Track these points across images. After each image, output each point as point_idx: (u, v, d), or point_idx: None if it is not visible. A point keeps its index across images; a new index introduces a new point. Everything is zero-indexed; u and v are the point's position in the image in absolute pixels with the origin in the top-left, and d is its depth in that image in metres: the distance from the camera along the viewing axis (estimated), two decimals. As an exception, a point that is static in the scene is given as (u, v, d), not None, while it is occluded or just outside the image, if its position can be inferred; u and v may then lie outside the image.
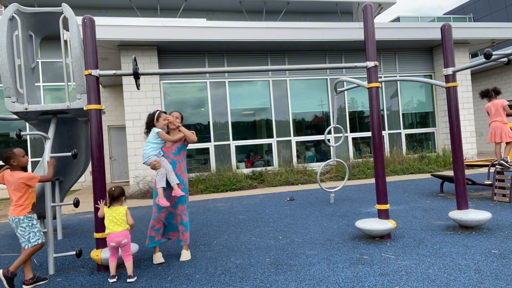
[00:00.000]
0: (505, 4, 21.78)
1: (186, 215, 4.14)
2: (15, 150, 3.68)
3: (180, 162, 4.15)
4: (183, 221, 4.12)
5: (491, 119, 6.55)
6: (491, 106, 6.51)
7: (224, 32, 10.38)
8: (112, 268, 3.59)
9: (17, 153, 3.68)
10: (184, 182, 4.13)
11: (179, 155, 4.15)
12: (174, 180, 3.98)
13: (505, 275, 3.05)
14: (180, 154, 4.17)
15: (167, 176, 3.99)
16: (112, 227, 3.61)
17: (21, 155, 3.70)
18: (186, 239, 4.14)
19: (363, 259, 3.68)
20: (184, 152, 4.23)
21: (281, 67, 4.59)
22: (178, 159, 4.13)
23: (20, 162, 3.69)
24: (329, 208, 6.50)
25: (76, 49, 4.26)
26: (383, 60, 12.71)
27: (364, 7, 4.56)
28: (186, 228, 4.14)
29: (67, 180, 5.84)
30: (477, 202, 6.17)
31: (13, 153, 3.66)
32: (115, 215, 3.64)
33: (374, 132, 4.48)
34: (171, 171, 4.01)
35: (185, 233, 4.13)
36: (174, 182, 3.98)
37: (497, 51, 4.24)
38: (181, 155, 4.19)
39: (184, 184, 4.14)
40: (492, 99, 6.55)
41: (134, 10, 15.12)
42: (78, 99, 4.32)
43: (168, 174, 3.99)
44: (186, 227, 4.14)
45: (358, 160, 11.81)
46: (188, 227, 4.16)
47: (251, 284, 3.21)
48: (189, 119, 11.15)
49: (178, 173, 4.09)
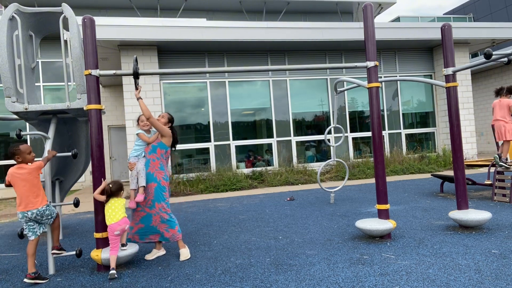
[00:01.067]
0: (505, 4, 21.77)
1: (167, 213, 4.10)
2: (21, 147, 3.66)
3: (154, 161, 4.17)
4: (164, 219, 4.07)
5: (494, 117, 6.54)
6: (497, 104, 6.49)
7: (224, 32, 10.38)
8: (113, 261, 3.65)
9: (23, 149, 3.66)
10: (157, 180, 4.12)
11: (153, 154, 4.18)
12: (140, 183, 4.05)
13: (505, 275, 3.04)
14: (155, 152, 4.18)
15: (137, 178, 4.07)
16: (113, 218, 3.74)
17: (27, 152, 3.68)
18: (173, 236, 4.09)
19: (363, 259, 3.68)
20: (161, 150, 4.20)
21: (281, 67, 4.60)
22: (152, 157, 4.18)
23: (25, 159, 3.67)
24: (329, 208, 6.50)
25: (76, 49, 4.26)
26: (383, 60, 12.71)
27: (364, 7, 4.56)
28: (170, 225, 4.09)
29: (67, 180, 5.84)
30: (477, 202, 6.17)
31: (18, 150, 3.65)
32: (117, 205, 3.78)
33: (374, 132, 4.47)
34: (141, 173, 4.07)
35: (170, 229, 4.09)
36: (140, 184, 4.05)
37: (497, 51, 4.24)
38: (157, 153, 4.19)
39: (158, 182, 4.12)
40: (502, 97, 6.54)
41: (134, 10, 15.12)
42: (78, 99, 4.32)
43: (138, 176, 4.07)
44: (170, 224, 4.09)
45: (358, 160, 11.81)
46: (172, 224, 4.10)
47: (251, 284, 3.21)
48: (189, 119, 11.16)
49: (152, 171, 4.14)
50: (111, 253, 3.68)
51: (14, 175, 3.61)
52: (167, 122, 4.32)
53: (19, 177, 3.60)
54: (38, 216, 3.66)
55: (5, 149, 12.30)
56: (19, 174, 3.60)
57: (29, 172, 3.62)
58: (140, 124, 4.28)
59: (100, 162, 3.96)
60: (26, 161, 3.68)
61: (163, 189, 4.14)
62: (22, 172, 3.60)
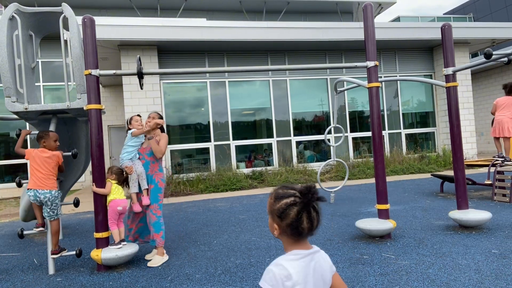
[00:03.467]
0: (505, 4, 21.77)
1: (156, 215, 4.02)
2: (50, 133, 3.95)
3: (154, 163, 4.16)
4: (151, 221, 4.00)
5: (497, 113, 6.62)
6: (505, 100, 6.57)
7: (224, 32, 10.38)
8: (116, 235, 3.86)
9: (51, 136, 3.95)
10: (155, 181, 4.11)
11: (152, 156, 4.15)
12: (143, 185, 4.07)
13: (505, 275, 3.04)
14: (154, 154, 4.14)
15: (139, 180, 4.07)
16: (117, 196, 3.93)
17: (54, 139, 3.94)
18: (158, 242, 3.96)
19: (363, 259, 3.68)
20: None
21: (281, 67, 4.60)
22: (151, 159, 4.15)
23: (50, 145, 3.91)
24: (329, 208, 6.50)
25: (76, 49, 4.26)
26: (383, 60, 12.71)
27: (364, 7, 4.56)
28: (155, 229, 3.97)
29: (67, 180, 5.83)
30: (477, 202, 6.17)
31: (47, 135, 3.92)
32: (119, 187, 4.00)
33: (374, 132, 4.47)
34: (142, 175, 4.07)
35: (154, 234, 3.96)
36: (144, 187, 4.07)
37: (497, 51, 4.23)
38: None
39: (156, 183, 4.11)
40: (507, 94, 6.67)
41: (134, 10, 15.12)
42: (78, 99, 4.32)
43: (139, 179, 4.07)
44: (155, 228, 3.98)
45: (358, 160, 11.81)
46: (158, 229, 3.98)
47: (251, 284, 3.21)
48: (189, 119, 11.16)
49: (151, 173, 4.13)
50: (112, 228, 3.86)
51: (37, 156, 3.81)
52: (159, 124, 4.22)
53: (40, 159, 3.80)
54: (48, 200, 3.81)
55: (5, 149, 12.30)
56: (41, 156, 3.82)
57: (50, 157, 3.85)
58: (134, 124, 4.20)
59: (100, 162, 3.96)
60: (51, 148, 3.92)
61: (159, 191, 4.12)
62: (44, 156, 3.83)
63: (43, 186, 3.76)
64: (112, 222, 3.88)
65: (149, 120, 4.16)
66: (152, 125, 4.11)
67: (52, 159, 3.85)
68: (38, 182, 3.76)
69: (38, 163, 3.78)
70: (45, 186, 3.77)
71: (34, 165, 3.80)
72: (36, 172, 3.78)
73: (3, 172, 12.14)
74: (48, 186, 3.79)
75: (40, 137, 3.91)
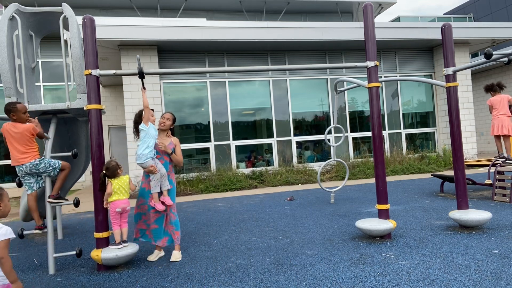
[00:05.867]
0: (505, 4, 21.77)
1: (175, 214, 4.17)
2: (18, 105, 3.87)
3: (170, 164, 4.28)
4: (172, 220, 4.14)
5: (496, 112, 6.69)
6: (499, 99, 6.66)
7: (224, 32, 10.38)
8: (118, 235, 3.85)
9: (19, 108, 3.86)
10: (173, 182, 4.23)
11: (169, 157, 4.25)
12: (166, 186, 4.09)
13: (505, 275, 3.04)
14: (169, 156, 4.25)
15: (161, 181, 4.07)
16: (117, 196, 3.88)
17: (22, 111, 3.88)
18: (177, 239, 4.13)
19: (363, 259, 3.68)
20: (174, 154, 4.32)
21: (281, 67, 4.60)
22: (170, 160, 4.25)
23: (20, 118, 3.86)
24: (329, 208, 6.50)
25: (76, 49, 4.26)
26: (383, 60, 12.71)
27: (364, 7, 4.56)
28: (176, 227, 4.15)
29: (67, 180, 5.82)
30: (477, 202, 6.17)
31: (15, 107, 3.84)
32: (121, 184, 3.90)
33: (374, 132, 4.47)
34: (165, 176, 4.10)
35: (175, 232, 4.13)
36: (166, 188, 4.09)
37: (497, 51, 4.24)
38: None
39: (173, 183, 4.23)
40: (497, 93, 6.75)
41: (134, 10, 15.12)
42: (78, 98, 4.32)
43: (162, 179, 4.07)
44: (176, 226, 4.15)
45: (358, 160, 11.81)
46: (178, 226, 4.16)
47: (251, 284, 3.21)
48: (189, 119, 11.15)
49: (168, 173, 4.18)
50: (115, 228, 3.86)
51: (8, 131, 3.82)
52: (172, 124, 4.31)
53: (12, 135, 3.81)
54: (33, 169, 3.87)
55: (5, 149, 12.29)
56: (12, 132, 3.82)
57: (21, 132, 3.83)
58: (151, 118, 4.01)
59: (100, 162, 3.96)
60: (21, 120, 3.88)
61: (175, 191, 4.27)
62: (15, 131, 3.82)
63: (22, 160, 3.84)
64: (114, 222, 3.89)
65: (164, 121, 4.21)
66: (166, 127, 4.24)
67: (23, 134, 3.84)
68: (17, 157, 3.84)
69: (12, 139, 3.83)
70: (24, 160, 3.85)
71: (10, 140, 3.84)
72: (12, 148, 3.86)
73: (3, 172, 12.14)
74: (27, 159, 3.86)
75: (8, 110, 3.84)
